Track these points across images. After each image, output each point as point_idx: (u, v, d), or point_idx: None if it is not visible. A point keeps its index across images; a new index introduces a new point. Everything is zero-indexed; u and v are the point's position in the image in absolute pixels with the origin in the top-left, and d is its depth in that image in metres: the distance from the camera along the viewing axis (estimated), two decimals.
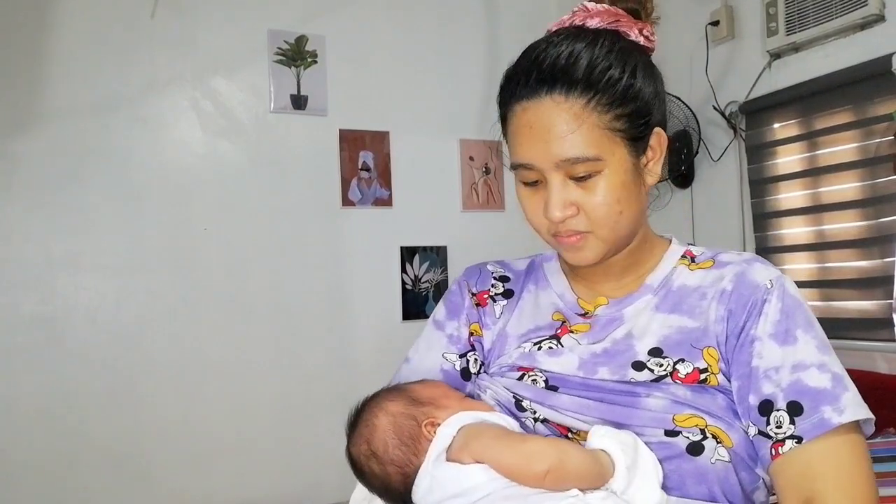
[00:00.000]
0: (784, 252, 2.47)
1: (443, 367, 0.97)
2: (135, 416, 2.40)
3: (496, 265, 1.04)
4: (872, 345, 2.17)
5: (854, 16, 2.15)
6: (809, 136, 2.37)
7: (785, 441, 0.75)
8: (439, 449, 0.81)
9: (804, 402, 0.76)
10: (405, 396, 0.88)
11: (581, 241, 0.85)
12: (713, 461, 0.77)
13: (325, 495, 2.57)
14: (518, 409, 0.87)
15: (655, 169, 0.86)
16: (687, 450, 0.77)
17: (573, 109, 0.79)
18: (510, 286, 1.01)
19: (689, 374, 0.82)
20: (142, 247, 2.45)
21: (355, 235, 2.75)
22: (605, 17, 0.85)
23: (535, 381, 0.88)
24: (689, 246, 0.94)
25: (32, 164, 2.32)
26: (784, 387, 0.77)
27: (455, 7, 2.97)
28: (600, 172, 0.80)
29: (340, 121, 2.73)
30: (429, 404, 0.87)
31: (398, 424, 0.85)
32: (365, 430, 0.87)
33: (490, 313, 0.98)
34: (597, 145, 0.79)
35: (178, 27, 2.51)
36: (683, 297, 0.87)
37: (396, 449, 0.84)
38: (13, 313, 2.29)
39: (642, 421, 0.79)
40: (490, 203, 2.98)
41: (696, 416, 0.78)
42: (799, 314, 0.81)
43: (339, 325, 2.72)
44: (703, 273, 0.89)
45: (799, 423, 0.75)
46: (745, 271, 0.85)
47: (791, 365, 0.78)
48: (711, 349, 0.83)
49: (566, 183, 0.82)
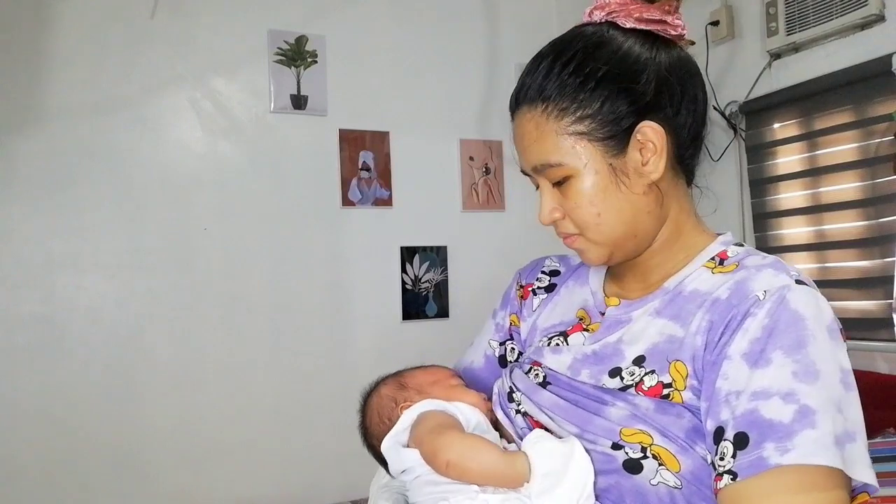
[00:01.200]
0: (784, 252, 2.47)
1: (486, 352, 1.05)
2: (135, 416, 2.40)
3: (555, 259, 1.05)
4: (872, 345, 2.17)
5: (854, 16, 2.14)
6: (809, 136, 2.37)
7: (723, 475, 0.68)
8: (397, 429, 0.90)
9: (752, 435, 0.67)
10: (397, 381, 1.00)
11: (576, 243, 0.86)
12: (654, 483, 0.72)
13: (325, 495, 2.57)
14: (509, 399, 0.90)
15: (657, 165, 0.80)
16: (623, 466, 0.73)
17: (534, 119, 0.82)
18: (556, 280, 1.01)
19: (652, 386, 0.77)
20: (142, 247, 2.45)
21: (355, 235, 2.75)
22: (604, 9, 0.84)
23: (536, 375, 0.89)
24: (733, 246, 0.85)
25: (32, 164, 2.32)
26: (737, 415, 0.69)
27: (455, 7, 2.97)
28: (572, 177, 0.81)
29: (340, 121, 2.73)
30: (412, 389, 0.97)
31: (381, 405, 0.98)
32: (365, 407, 1.01)
33: (529, 306, 1.01)
34: (557, 151, 0.81)
35: (178, 27, 2.51)
36: (687, 303, 0.81)
37: (377, 426, 0.97)
38: (13, 313, 2.29)
39: (597, 429, 0.77)
40: (490, 203, 2.98)
41: (643, 433, 0.74)
42: (790, 333, 0.70)
43: (339, 325, 2.72)
44: (721, 278, 0.80)
45: (739, 457, 0.67)
46: (749, 278, 0.76)
47: (752, 391, 0.69)
48: (679, 364, 0.76)
49: (551, 188, 0.84)
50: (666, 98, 0.81)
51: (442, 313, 2.86)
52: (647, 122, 0.80)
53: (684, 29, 0.85)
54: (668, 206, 0.85)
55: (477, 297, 2.91)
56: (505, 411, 0.90)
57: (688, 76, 0.84)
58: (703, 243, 0.86)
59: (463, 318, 2.87)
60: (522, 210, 2.97)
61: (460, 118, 2.94)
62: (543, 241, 0.92)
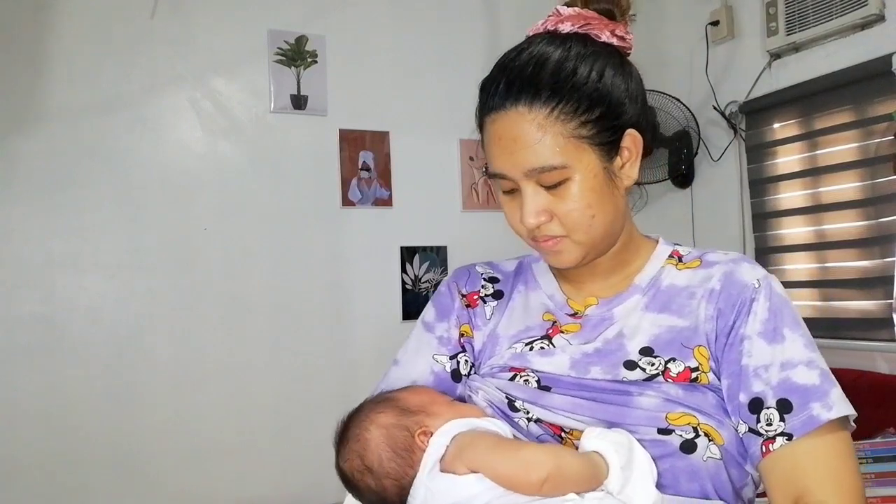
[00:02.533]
0: (784, 252, 2.47)
1: (433, 368, 0.97)
2: (135, 416, 2.40)
3: (485, 266, 1.05)
4: (872, 345, 2.17)
5: (854, 16, 2.15)
6: (809, 136, 2.37)
7: (776, 438, 0.76)
8: (434, 459, 0.80)
9: (794, 400, 0.77)
10: (394, 406, 0.87)
11: (558, 245, 0.86)
12: (705, 459, 0.78)
13: (325, 495, 2.56)
14: (511, 409, 0.88)
15: (631, 171, 0.87)
16: (681, 448, 0.78)
17: (537, 120, 0.81)
18: (500, 287, 1.01)
19: (680, 372, 0.83)
20: (142, 247, 2.45)
21: (355, 235, 2.75)
22: (576, 21, 0.87)
23: (527, 381, 0.88)
24: (676, 246, 0.96)
25: (32, 164, 2.32)
26: (774, 385, 0.79)
27: (455, 7, 2.97)
28: (569, 179, 0.82)
29: (340, 121, 2.73)
30: (419, 412, 0.85)
31: (391, 436, 0.84)
32: (356, 445, 0.86)
33: (481, 314, 0.99)
34: (562, 153, 0.81)
35: (178, 27, 2.51)
36: (672, 296, 0.89)
37: (391, 462, 0.83)
38: (13, 313, 2.29)
39: (635, 419, 0.80)
40: (490, 203, 2.98)
41: (688, 415, 0.79)
42: (786, 312, 0.83)
43: (339, 325, 2.72)
44: (690, 273, 0.90)
45: (789, 420, 0.77)
46: (734, 271, 0.87)
47: (780, 363, 0.79)
48: (702, 348, 0.84)
49: (538, 190, 0.83)
50: (643, 106, 0.89)
51: None
52: (632, 131, 0.86)
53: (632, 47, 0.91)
54: (626, 209, 0.91)
55: None
56: (511, 422, 0.88)
57: (644, 91, 0.91)
58: (648, 244, 0.96)
59: None
60: None
61: (460, 118, 2.91)
62: None
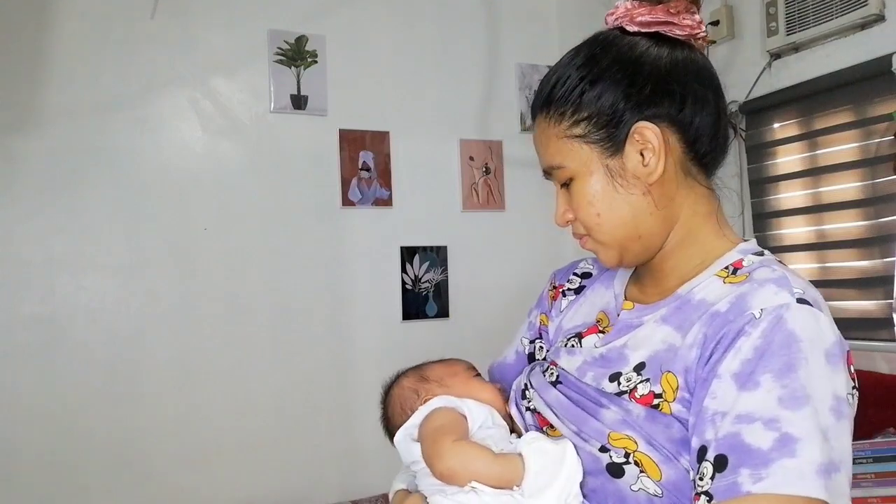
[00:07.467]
0: (784, 252, 2.47)
1: (517, 349, 1.08)
2: (135, 416, 2.40)
3: (590, 262, 1.05)
4: (872, 345, 2.17)
5: (854, 16, 2.14)
6: (809, 136, 2.37)
7: (700, 496, 0.68)
8: (410, 424, 0.94)
9: (731, 459, 0.67)
10: (418, 374, 1.03)
11: (587, 244, 0.89)
12: (634, 488, 0.73)
13: (325, 495, 2.57)
14: (522, 397, 0.93)
15: (655, 166, 0.80)
16: (607, 468, 0.76)
17: (541, 125, 0.87)
18: (586, 282, 1.02)
19: (644, 395, 0.77)
20: (142, 247, 2.45)
21: (355, 235, 2.75)
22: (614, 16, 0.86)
23: (551, 374, 0.91)
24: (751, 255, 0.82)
25: (33, 164, 2.32)
26: (720, 436, 0.68)
27: (455, 7, 2.97)
28: (573, 178, 0.85)
29: (340, 121, 2.73)
30: (434, 381, 1.00)
31: (404, 396, 1.01)
32: (387, 399, 1.05)
33: (557, 306, 1.03)
34: (557, 154, 0.85)
35: (178, 27, 2.51)
36: (692, 312, 0.79)
37: (400, 417, 0.99)
38: (13, 313, 2.29)
39: (590, 431, 0.80)
40: (490, 203, 2.98)
41: (629, 439, 0.75)
42: (781, 356, 0.69)
43: (339, 325, 2.72)
44: (728, 288, 0.78)
45: (717, 479, 0.67)
46: (749, 293, 0.74)
47: (737, 414, 0.68)
48: (670, 375, 0.76)
49: (563, 192, 0.88)
50: (665, 98, 0.81)
51: (442, 313, 2.86)
52: (644, 123, 0.80)
53: (696, 28, 0.85)
54: (678, 208, 0.84)
55: (477, 297, 2.91)
56: (518, 408, 0.94)
57: (692, 75, 0.83)
58: (720, 249, 0.84)
59: (463, 319, 2.87)
60: (522, 210, 2.97)
61: (460, 118, 2.94)
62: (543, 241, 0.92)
